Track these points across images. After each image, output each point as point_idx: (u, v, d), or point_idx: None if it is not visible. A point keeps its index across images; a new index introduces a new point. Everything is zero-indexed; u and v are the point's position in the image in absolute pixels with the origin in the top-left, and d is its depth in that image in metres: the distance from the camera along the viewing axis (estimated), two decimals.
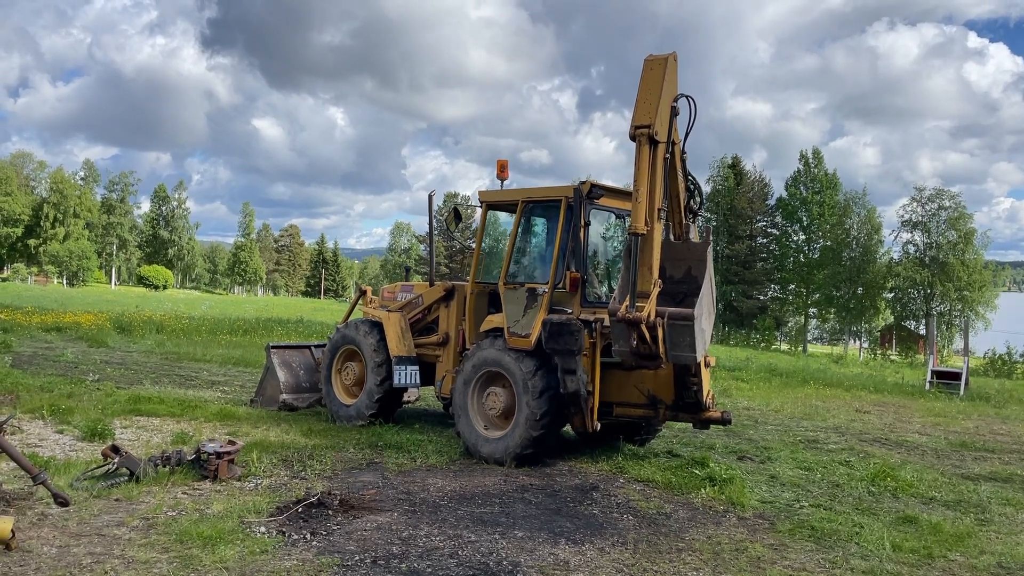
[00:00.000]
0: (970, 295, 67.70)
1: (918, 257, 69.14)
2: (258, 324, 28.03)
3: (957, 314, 69.51)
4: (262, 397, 12.67)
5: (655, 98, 8.21)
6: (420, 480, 8.45)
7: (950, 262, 66.99)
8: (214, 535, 6.23)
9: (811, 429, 12.95)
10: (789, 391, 18.10)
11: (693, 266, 8.88)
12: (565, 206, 9.38)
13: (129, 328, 24.59)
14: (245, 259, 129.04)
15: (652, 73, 8.33)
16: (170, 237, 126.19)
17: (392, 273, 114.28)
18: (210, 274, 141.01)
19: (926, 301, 69.93)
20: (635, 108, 8.30)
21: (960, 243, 67.93)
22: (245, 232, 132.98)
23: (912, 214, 69.13)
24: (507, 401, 9.41)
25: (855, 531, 7.16)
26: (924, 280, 68.18)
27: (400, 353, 10.77)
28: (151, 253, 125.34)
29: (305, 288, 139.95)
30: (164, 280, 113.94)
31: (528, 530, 6.88)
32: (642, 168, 8.19)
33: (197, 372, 16.65)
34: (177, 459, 8.37)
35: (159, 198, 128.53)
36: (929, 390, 19.17)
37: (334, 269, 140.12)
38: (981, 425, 14.48)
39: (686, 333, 8.00)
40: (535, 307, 9.30)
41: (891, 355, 65.91)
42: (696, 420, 9.42)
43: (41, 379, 13.37)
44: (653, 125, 8.13)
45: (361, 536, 6.51)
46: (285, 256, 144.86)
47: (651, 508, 7.77)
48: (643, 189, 8.17)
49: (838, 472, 9.60)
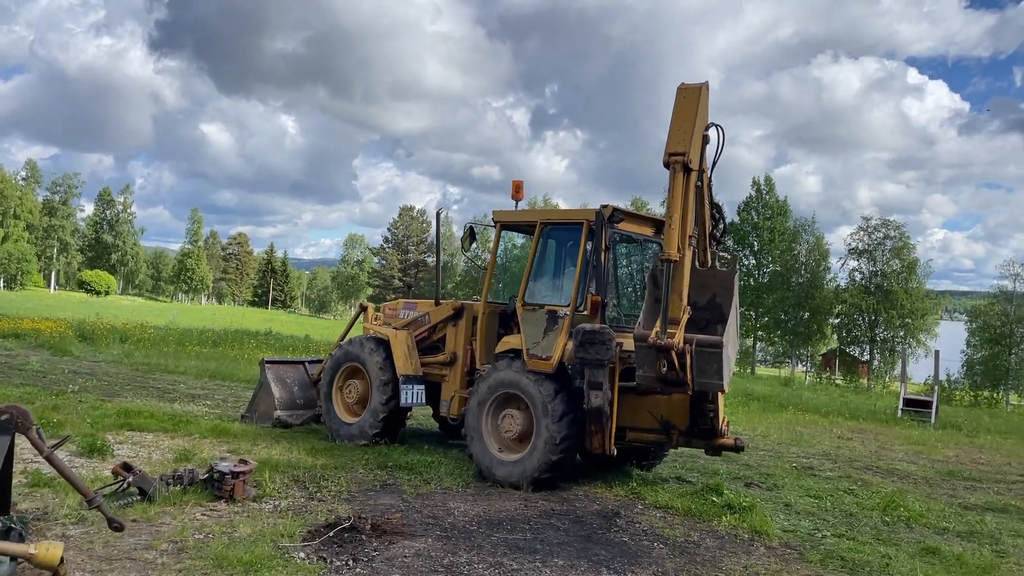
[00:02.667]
0: (912, 323, 69.55)
1: (864, 284, 70.81)
2: (227, 336, 27.44)
3: (899, 341, 71.40)
4: (255, 413, 12.34)
5: (689, 126, 8.25)
6: (441, 503, 8.31)
7: (894, 290, 68.71)
8: (253, 560, 6.04)
9: (802, 456, 13.11)
10: (769, 416, 18.33)
11: (718, 293, 8.91)
12: (587, 229, 9.35)
13: (92, 336, 23.85)
14: (192, 266, 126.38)
15: (686, 101, 8.37)
16: (114, 242, 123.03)
17: (345, 285, 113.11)
18: (153, 281, 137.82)
19: (871, 327, 71.56)
20: (669, 135, 8.32)
21: (904, 272, 69.75)
22: (193, 239, 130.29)
23: (859, 242, 70.87)
24: (524, 424, 9.30)
25: (884, 562, 7.23)
26: (869, 307, 69.79)
27: (407, 372, 10.60)
28: (93, 258, 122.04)
29: (252, 298, 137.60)
30: (106, 286, 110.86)
31: (567, 558, 6.81)
32: (676, 195, 8.25)
33: (173, 385, 16.19)
34: (189, 478, 8.13)
35: (103, 201, 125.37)
36: (901, 417, 19.61)
37: (283, 279, 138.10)
38: (960, 454, 14.84)
39: (714, 360, 8.01)
40: (555, 329, 9.23)
41: (836, 379, 67.32)
42: (709, 446, 9.43)
43: (19, 390, 12.86)
44: (688, 153, 8.18)
45: (403, 563, 6.37)
46: (233, 264, 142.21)
47: (678, 536, 7.75)
48: (676, 215, 8.22)
49: (846, 501, 9.72)
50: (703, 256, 9.14)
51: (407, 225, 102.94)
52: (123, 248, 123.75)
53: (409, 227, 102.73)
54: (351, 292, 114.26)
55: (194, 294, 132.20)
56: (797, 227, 76.12)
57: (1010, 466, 13.86)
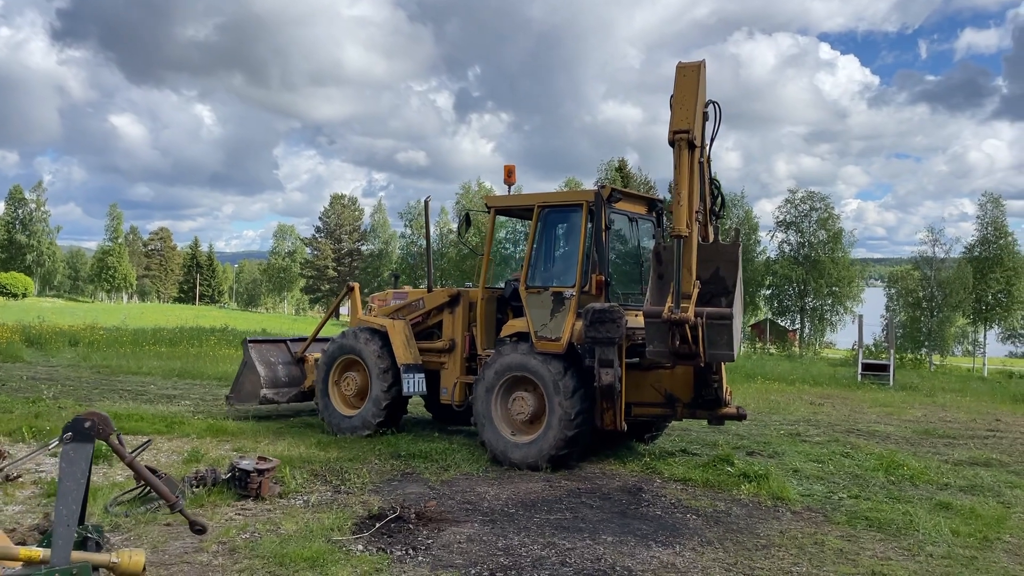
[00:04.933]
0: (839, 290, 71.84)
1: (792, 255, 72.72)
2: (183, 334, 26.69)
3: (828, 309, 73.76)
4: (238, 394, 12.35)
5: (692, 104, 8.33)
6: (468, 488, 8.35)
7: (821, 260, 70.75)
8: (315, 556, 6.00)
9: (785, 423, 13.51)
10: (738, 386, 18.78)
11: (721, 267, 9.02)
12: (587, 210, 9.47)
13: (39, 341, 22.96)
14: (113, 264, 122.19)
15: (687, 79, 8.44)
16: (28, 242, 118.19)
17: (276, 277, 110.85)
18: (72, 281, 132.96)
19: (800, 297, 73.62)
20: (672, 114, 8.38)
21: (830, 242, 71.86)
22: (113, 236, 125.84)
23: (786, 214, 72.72)
24: (535, 405, 9.40)
25: (908, 519, 7.54)
26: (799, 277, 71.77)
27: (407, 360, 10.60)
28: (7, 259, 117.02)
29: (179, 294, 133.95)
30: (24, 288, 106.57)
31: (613, 534, 6.93)
32: (683, 172, 8.32)
33: (143, 386, 15.75)
34: (213, 479, 7.99)
35: (15, 200, 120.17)
36: (861, 381, 20.35)
37: (209, 274, 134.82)
38: (928, 413, 15.49)
39: (724, 332, 8.22)
40: (563, 310, 9.34)
41: (769, 348, 69.14)
42: (712, 416, 9.62)
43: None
44: (692, 130, 8.27)
45: (460, 549, 6.40)
46: (156, 261, 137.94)
47: (705, 507, 7.94)
48: (684, 192, 8.31)
49: (847, 463, 10.07)
50: (704, 231, 9.26)
51: (339, 214, 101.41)
52: (38, 248, 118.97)
53: (341, 215, 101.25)
54: (283, 284, 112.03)
55: (116, 293, 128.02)
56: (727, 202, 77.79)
57: (976, 422, 14.53)
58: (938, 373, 35.93)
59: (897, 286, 71.48)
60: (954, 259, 64.13)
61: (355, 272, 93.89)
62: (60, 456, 4.47)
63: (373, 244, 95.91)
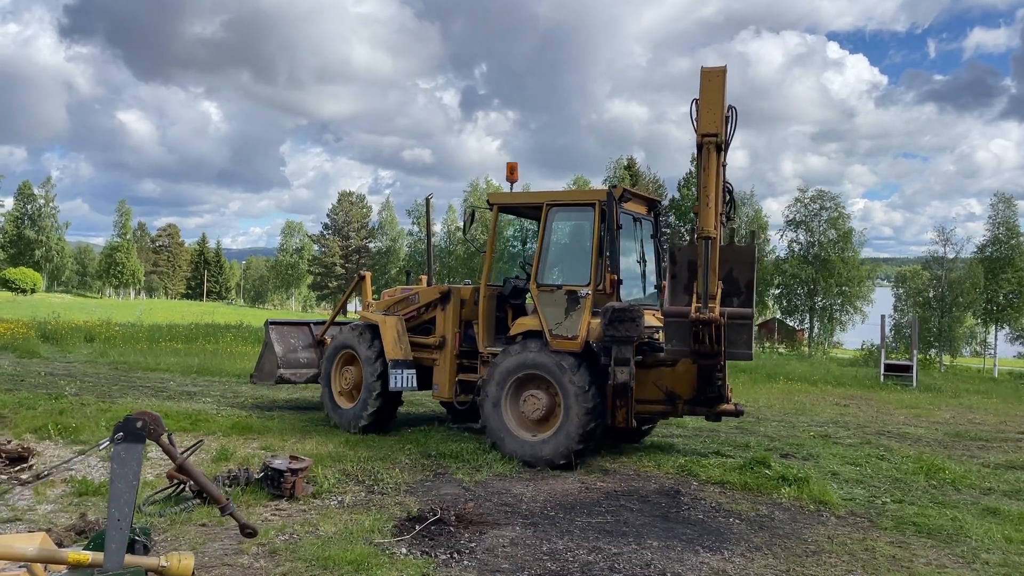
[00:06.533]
0: (849, 290, 71.52)
1: (802, 255, 72.40)
2: (198, 331, 26.55)
3: (838, 309, 73.47)
4: (260, 373, 12.66)
5: (718, 107, 8.40)
6: (504, 490, 8.20)
7: (831, 259, 70.42)
8: (358, 559, 5.86)
9: (813, 424, 13.33)
10: (760, 387, 18.62)
11: (735, 268, 9.06)
12: (599, 209, 9.47)
13: (55, 337, 22.84)
14: (122, 260, 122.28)
15: (712, 83, 8.49)
16: (37, 237, 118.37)
17: (284, 274, 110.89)
18: (79, 276, 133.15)
19: (810, 296, 73.30)
20: (700, 117, 8.45)
21: (839, 241, 71.53)
22: (121, 232, 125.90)
23: (796, 213, 72.39)
24: (547, 403, 9.44)
25: (957, 525, 7.37)
26: (808, 276, 71.43)
27: (396, 356, 10.63)
28: (15, 255, 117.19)
29: (186, 290, 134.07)
30: (32, 283, 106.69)
31: (658, 539, 6.77)
32: (711, 174, 8.38)
33: (162, 383, 15.63)
34: (246, 478, 7.88)
35: (24, 195, 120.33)
36: (884, 382, 20.15)
37: (216, 270, 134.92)
38: (956, 415, 15.29)
39: (744, 331, 8.47)
40: (578, 309, 9.37)
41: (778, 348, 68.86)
42: (711, 413, 9.72)
43: (11, 395, 12.23)
44: (720, 133, 8.35)
45: (505, 553, 6.25)
46: (164, 257, 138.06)
47: (747, 511, 7.78)
48: (712, 195, 8.36)
49: (884, 466, 9.90)
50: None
51: (347, 211, 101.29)
52: (47, 244, 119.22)
53: (349, 213, 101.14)
54: (291, 281, 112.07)
55: (124, 289, 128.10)
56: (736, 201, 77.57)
57: (1007, 425, 14.32)
58: (949, 374, 35.65)
59: (905, 286, 71.18)
60: (964, 259, 63.80)
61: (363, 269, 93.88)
62: (111, 457, 4.34)
63: (381, 241, 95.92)
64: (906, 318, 65.56)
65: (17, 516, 6.77)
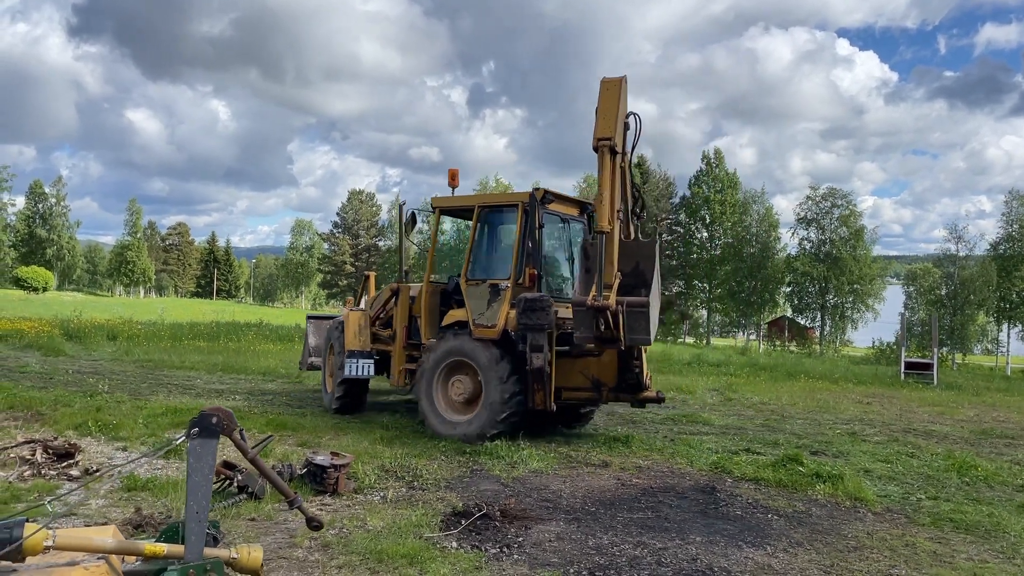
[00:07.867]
0: (861, 288, 71.35)
1: (813, 252, 72.23)
2: (219, 329, 26.74)
3: (849, 307, 73.31)
4: (303, 360, 14.34)
5: (613, 114, 9.15)
6: (542, 486, 8.31)
7: (843, 257, 70.24)
8: (411, 553, 5.96)
9: (838, 422, 13.40)
10: (781, 385, 18.68)
11: (641, 262, 9.58)
12: (522, 210, 10.23)
13: (79, 335, 23.04)
14: (133, 259, 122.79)
15: (609, 92, 9.27)
16: (48, 236, 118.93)
17: (294, 273, 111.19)
18: (90, 275, 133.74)
19: (821, 294, 73.15)
20: (596, 123, 9.20)
21: (851, 239, 71.35)
22: (132, 231, 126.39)
23: (807, 211, 72.25)
24: (472, 387, 10.30)
25: (995, 522, 7.45)
26: (820, 274, 71.25)
27: (353, 347, 11.49)
28: (27, 253, 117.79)
29: (196, 289, 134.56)
30: (44, 282, 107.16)
31: (701, 534, 6.86)
32: (605, 175, 9.17)
33: (190, 380, 15.79)
34: (289, 473, 7.98)
35: (35, 194, 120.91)
36: (905, 380, 20.19)
37: (226, 269, 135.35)
38: (980, 413, 15.34)
39: (642, 318, 9.05)
40: (499, 300, 10.20)
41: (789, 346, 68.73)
42: (634, 399, 10.37)
43: (46, 393, 12.39)
44: (613, 138, 9.06)
45: (553, 548, 6.36)
46: (174, 255, 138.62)
47: (784, 507, 7.86)
48: (606, 193, 9.16)
49: (915, 464, 9.97)
50: (625, 229, 9.97)
51: (356, 209, 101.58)
52: (58, 242, 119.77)
53: (359, 211, 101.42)
54: (301, 279, 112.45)
55: (134, 287, 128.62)
56: (747, 198, 77.41)
57: None
58: (963, 372, 35.60)
59: (916, 284, 70.97)
60: (976, 257, 63.56)
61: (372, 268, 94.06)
62: (188, 451, 4.44)
63: (390, 239, 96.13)
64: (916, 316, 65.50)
65: (72, 511, 6.90)
